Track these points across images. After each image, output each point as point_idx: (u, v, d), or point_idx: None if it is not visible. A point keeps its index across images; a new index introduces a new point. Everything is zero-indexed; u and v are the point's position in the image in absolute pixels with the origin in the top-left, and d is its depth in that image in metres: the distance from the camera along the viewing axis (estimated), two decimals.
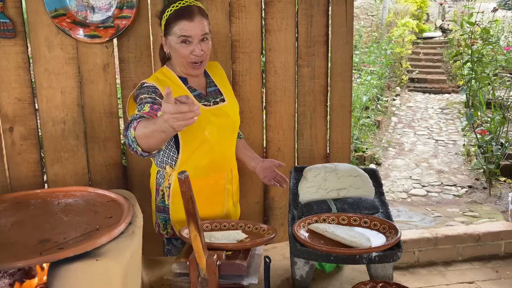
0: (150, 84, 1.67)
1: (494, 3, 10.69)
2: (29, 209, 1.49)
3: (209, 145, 1.73)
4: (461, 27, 5.50)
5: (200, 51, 1.66)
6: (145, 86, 1.67)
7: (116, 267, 1.17)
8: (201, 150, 1.72)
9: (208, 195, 1.79)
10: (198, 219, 1.23)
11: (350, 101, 2.45)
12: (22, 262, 1.11)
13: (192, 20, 1.63)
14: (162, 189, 1.81)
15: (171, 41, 1.68)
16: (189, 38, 1.64)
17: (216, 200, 1.83)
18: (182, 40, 1.64)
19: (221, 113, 1.76)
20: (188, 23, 1.63)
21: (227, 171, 1.83)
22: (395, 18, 12.26)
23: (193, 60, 1.67)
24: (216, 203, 1.83)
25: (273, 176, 1.91)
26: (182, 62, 1.69)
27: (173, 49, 1.69)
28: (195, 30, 1.63)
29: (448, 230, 3.44)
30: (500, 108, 5.73)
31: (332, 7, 2.35)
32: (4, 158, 2.14)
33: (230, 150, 1.86)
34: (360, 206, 1.57)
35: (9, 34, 2.03)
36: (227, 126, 1.78)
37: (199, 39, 1.65)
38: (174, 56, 1.71)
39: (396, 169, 5.99)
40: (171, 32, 1.67)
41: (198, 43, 1.66)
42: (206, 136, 1.70)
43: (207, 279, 1.29)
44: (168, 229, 1.83)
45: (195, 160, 1.73)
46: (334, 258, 1.32)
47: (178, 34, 1.64)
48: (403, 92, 10.32)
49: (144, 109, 1.54)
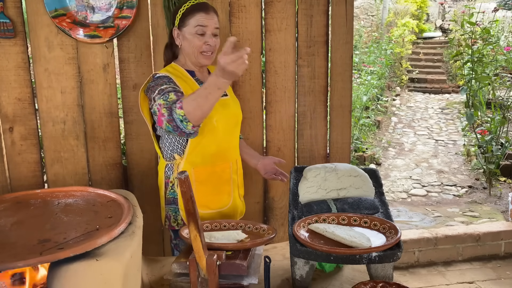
0: (163, 74, 1.75)
1: (494, 3, 10.69)
2: (29, 209, 1.49)
3: (216, 133, 1.80)
4: (461, 27, 5.50)
5: (213, 42, 1.79)
6: (158, 77, 1.74)
7: (116, 267, 1.17)
8: (208, 137, 1.79)
9: (215, 183, 1.85)
10: (198, 219, 1.23)
11: (350, 101, 2.45)
12: (22, 262, 1.11)
13: (208, 13, 1.78)
14: (172, 180, 1.86)
15: (185, 32, 1.78)
16: (204, 29, 1.77)
17: (223, 189, 1.88)
18: (197, 30, 1.76)
19: (226, 105, 1.85)
20: (205, 15, 1.77)
21: (233, 161, 1.90)
22: (395, 18, 12.26)
23: (205, 49, 1.78)
24: (223, 192, 1.87)
25: (274, 172, 2.01)
26: (194, 52, 1.79)
27: (187, 40, 1.79)
28: (210, 22, 1.78)
29: (448, 230, 3.44)
30: (500, 108, 5.73)
31: (332, 7, 2.35)
32: (4, 158, 2.14)
33: (234, 142, 1.93)
34: (360, 206, 1.57)
35: (9, 34, 2.03)
36: (231, 117, 1.88)
37: (212, 32, 1.79)
38: (186, 46, 1.80)
39: (396, 169, 5.99)
40: (186, 24, 1.78)
41: (211, 35, 1.79)
42: (214, 123, 1.78)
43: (207, 279, 1.29)
44: (178, 220, 1.86)
45: (202, 148, 1.79)
46: (334, 258, 1.32)
47: (194, 25, 1.76)
48: (403, 92, 10.33)
49: (170, 97, 1.61)
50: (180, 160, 1.81)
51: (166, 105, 1.58)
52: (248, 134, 2.37)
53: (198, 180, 1.81)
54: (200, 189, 1.81)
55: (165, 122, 1.58)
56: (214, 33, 1.79)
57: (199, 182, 1.82)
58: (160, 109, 1.60)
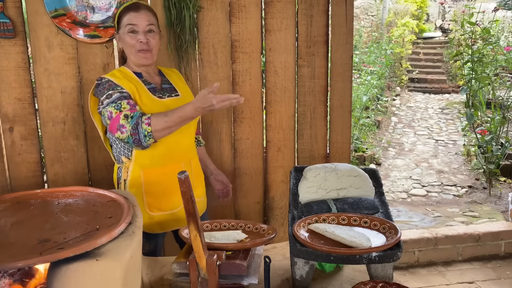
0: (106, 78, 1.77)
1: (494, 3, 10.68)
2: (29, 209, 1.49)
3: None
4: (461, 27, 5.50)
5: (145, 39, 1.78)
6: (101, 83, 1.76)
7: (116, 267, 1.17)
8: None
9: (166, 185, 1.82)
10: (198, 219, 1.23)
11: (350, 101, 2.46)
12: (22, 262, 1.11)
13: (138, 11, 1.78)
14: (121, 182, 1.86)
15: (121, 34, 1.81)
16: (135, 27, 1.77)
17: (174, 190, 1.80)
18: (129, 29, 1.78)
19: (175, 104, 1.81)
20: (134, 13, 1.78)
21: (185, 161, 1.88)
22: (395, 18, 12.25)
23: (139, 47, 1.78)
24: (174, 193, 1.82)
25: (222, 188, 2.11)
26: (131, 51, 1.80)
27: (123, 41, 1.81)
28: (140, 20, 1.77)
29: (448, 230, 3.43)
30: (500, 108, 5.72)
31: (332, 7, 2.35)
32: (4, 158, 2.14)
33: (187, 141, 1.91)
34: (360, 206, 1.57)
35: (9, 34, 2.03)
36: None
37: (145, 29, 1.78)
38: (125, 47, 1.82)
39: (396, 169, 5.99)
40: (121, 25, 1.80)
41: (144, 32, 1.78)
42: None
43: (207, 279, 1.29)
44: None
45: (150, 149, 1.77)
46: (334, 258, 1.32)
47: (125, 24, 1.78)
48: (403, 92, 10.32)
49: (124, 106, 1.68)
50: (129, 163, 1.81)
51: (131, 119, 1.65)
52: (248, 134, 2.37)
53: (147, 182, 1.80)
54: (149, 190, 1.81)
55: (126, 133, 1.65)
56: (148, 29, 1.79)
57: (148, 184, 1.80)
58: (116, 118, 1.67)
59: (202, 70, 2.29)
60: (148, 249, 1.85)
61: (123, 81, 1.76)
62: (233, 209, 2.44)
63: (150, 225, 1.83)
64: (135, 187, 1.81)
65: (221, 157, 2.37)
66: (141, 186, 1.81)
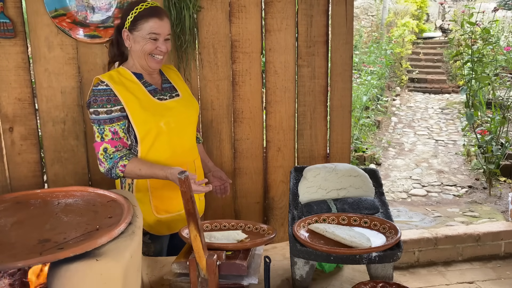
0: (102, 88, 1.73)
1: (494, 3, 10.69)
2: (29, 209, 1.49)
3: (167, 137, 1.79)
4: (461, 27, 5.50)
5: (166, 48, 1.79)
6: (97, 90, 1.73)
7: (116, 267, 1.17)
8: (160, 142, 1.78)
9: (172, 187, 1.79)
10: (198, 219, 1.23)
11: (350, 101, 2.46)
12: (22, 262, 1.11)
13: (161, 19, 1.76)
14: (125, 185, 1.85)
15: (137, 36, 1.76)
16: (158, 36, 1.76)
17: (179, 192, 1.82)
18: (151, 36, 1.75)
19: (176, 106, 1.83)
20: (159, 21, 1.75)
21: (189, 162, 1.89)
22: (395, 18, 12.26)
23: (156, 53, 1.78)
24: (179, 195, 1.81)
25: (220, 185, 2.07)
26: (144, 55, 1.78)
27: (138, 43, 1.77)
28: (163, 29, 1.77)
29: (448, 230, 3.43)
30: (500, 108, 5.73)
31: (332, 7, 2.35)
32: (4, 158, 2.14)
33: (190, 142, 1.91)
34: (360, 206, 1.57)
35: (9, 34, 2.03)
36: (182, 118, 1.85)
37: (165, 37, 1.79)
38: (137, 49, 1.78)
39: (396, 169, 5.99)
40: (139, 28, 1.75)
41: (163, 41, 1.79)
42: (162, 127, 1.77)
43: (207, 279, 1.29)
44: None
45: (155, 153, 1.77)
46: (334, 258, 1.32)
47: (148, 31, 1.75)
48: (403, 92, 10.32)
49: (106, 133, 1.72)
50: None
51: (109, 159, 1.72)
52: (248, 134, 2.37)
53: (153, 186, 1.80)
54: (156, 194, 1.81)
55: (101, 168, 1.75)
56: (167, 38, 1.79)
57: (154, 188, 1.80)
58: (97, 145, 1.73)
59: (202, 70, 2.29)
60: (154, 251, 1.84)
61: (119, 87, 1.73)
62: (233, 209, 2.44)
63: (158, 227, 1.83)
64: (142, 192, 1.80)
65: (221, 157, 2.37)
66: (147, 190, 1.80)
